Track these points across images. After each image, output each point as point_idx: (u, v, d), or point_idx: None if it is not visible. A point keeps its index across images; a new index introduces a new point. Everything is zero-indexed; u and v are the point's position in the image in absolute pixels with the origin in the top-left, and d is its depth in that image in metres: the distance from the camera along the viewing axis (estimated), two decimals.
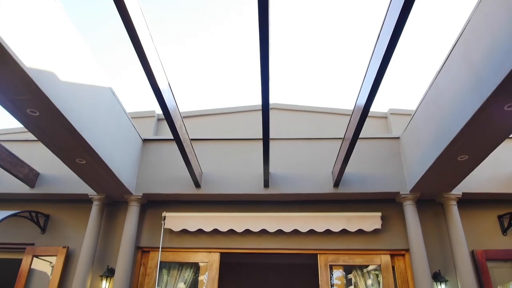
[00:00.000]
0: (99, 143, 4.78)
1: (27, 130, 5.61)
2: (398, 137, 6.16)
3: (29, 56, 3.40)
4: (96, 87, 4.81)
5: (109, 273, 5.68)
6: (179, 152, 5.81)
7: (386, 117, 7.74)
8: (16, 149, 6.17)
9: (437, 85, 4.85)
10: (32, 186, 6.14)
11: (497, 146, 4.45)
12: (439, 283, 5.37)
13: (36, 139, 4.59)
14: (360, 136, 5.87)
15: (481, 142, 4.36)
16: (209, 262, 5.92)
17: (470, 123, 3.98)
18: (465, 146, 4.44)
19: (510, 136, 5.67)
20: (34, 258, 6.00)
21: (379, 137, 6.19)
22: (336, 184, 5.73)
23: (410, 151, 5.74)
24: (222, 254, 6.07)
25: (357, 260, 5.82)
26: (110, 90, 5.21)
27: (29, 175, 6.06)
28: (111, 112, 5.23)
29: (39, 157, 6.33)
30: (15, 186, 6.16)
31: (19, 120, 4.08)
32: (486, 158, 5.21)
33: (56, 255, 5.87)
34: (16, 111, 3.94)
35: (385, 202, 6.01)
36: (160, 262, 5.96)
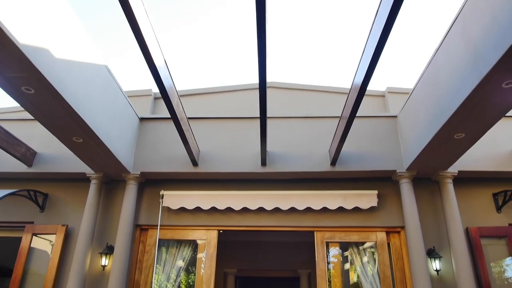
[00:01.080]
0: (95, 121, 4.76)
1: (23, 109, 5.59)
2: (396, 116, 6.16)
3: (23, 33, 3.34)
4: (92, 65, 4.75)
5: (109, 250, 5.75)
6: (176, 131, 5.80)
7: (383, 96, 7.72)
8: (12, 128, 6.14)
9: (435, 63, 4.82)
10: (29, 165, 6.15)
11: (494, 124, 4.46)
12: (433, 259, 5.46)
13: (33, 118, 4.57)
14: (357, 115, 5.88)
15: (478, 120, 4.36)
16: (207, 239, 5.99)
17: (467, 100, 3.98)
18: (462, 124, 4.45)
19: (506, 115, 5.69)
20: (34, 237, 6.06)
21: (376, 116, 6.20)
22: (333, 162, 5.76)
23: (407, 129, 5.75)
24: (220, 232, 6.15)
25: (353, 237, 5.90)
26: (105, 68, 5.16)
27: (26, 154, 6.06)
28: (107, 90, 5.19)
29: (36, 136, 6.31)
30: (13, 165, 6.17)
31: (14, 98, 4.05)
32: (483, 137, 5.23)
33: (55, 233, 5.93)
34: (11, 89, 3.90)
35: (381, 180, 6.06)
36: (159, 239, 6.03)
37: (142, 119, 6.39)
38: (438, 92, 4.67)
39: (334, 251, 6.01)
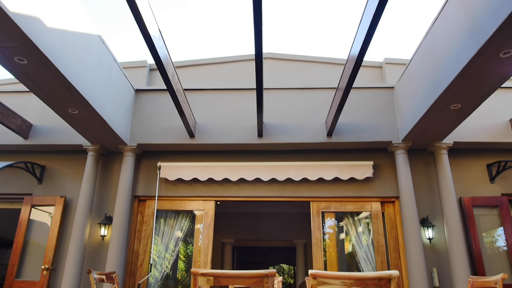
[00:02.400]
0: (90, 93, 4.73)
1: (18, 81, 5.52)
2: (393, 87, 6.14)
3: (13, 1, 3.27)
4: (85, 35, 4.67)
5: (107, 221, 5.83)
6: (172, 102, 5.79)
7: (381, 67, 7.66)
8: (7, 101, 6.09)
9: (433, 33, 4.76)
10: (25, 137, 6.14)
11: (490, 95, 4.46)
12: (426, 228, 5.58)
13: (28, 90, 4.53)
14: (354, 86, 5.86)
15: (474, 90, 4.36)
16: (204, 210, 6.08)
17: (465, 70, 3.96)
18: (459, 95, 4.44)
19: (502, 86, 5.69)
20: (34, 210, 6.12)
21: (373, 87, 6.17)
22: (330, 133, 5.78)
23: (404, 100, 5.74)
24: (217, 203, 6.23)
25: (349, 207, 6.00)
26: (99, 38, 5.07)
27: (22, 127, 6.04)
28: (101, 61, 5.12)
29: (32, 108, 6.27)
30: (9, 137, 6.16)
31: (6, 69, 3.99)
32: (478, 108, 5.26)
33: (54, 205, 5.98)
34: (3, 60, 3.85)
35: (377, 152, 6.11)
36: (157, 210, 6.11)
37: (137, 91, 6.34)
38: (435, 62, 4.64)
39: (330, 222, 6.12)
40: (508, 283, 5.34)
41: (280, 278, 3.82)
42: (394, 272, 2.12)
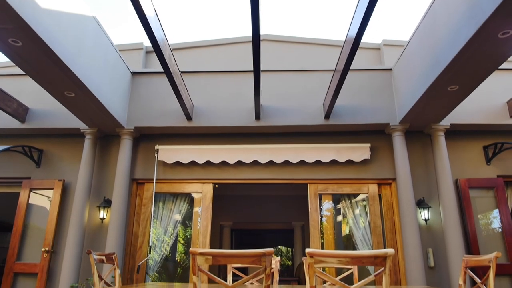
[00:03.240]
0: (86, 75, 4.69)
1: (13, 64, 5.47)
2: (390, 69, 6.11)
3: None
4: (80, 16, 4.61)
5: (106, 203, 5.87)
6: (169, 85, 5.76)
7: (379, 49, 7.61)
8: (3, 84, 6.05)
9: (432, 13, 4.72)
10: (22, 121, 6.11)
11: (488, 76, 4.45)
12: (422, 209, 5.64)
13: (23, 73, 4.49)
14: (351, 68, 5.83)
15: (472, 71, 4.35)
16: (202, 192, 6.11)
17: (463, 51, 3.94)
18: (456, 76, 4.43)
19: (499, 68, 5.67)
20: (32, 194, 6.14)
21: (371, 69, 6.14)
22: (327, 116, 5.78)
23: (401, 82, 5.73)
24: (215, 187, 6.27)
25: (346, 189, 6.04)
26: (94, 19, 5.01)
27: (18, 110, 6.01)
28: (97, 43, 5.07)
29: (28, 91, 6.23)
30: (5, 121, 6.13)
31: (1, 51, 3.95)
32: (476, 90, 5.26)
33: (52, 188, 6.00)
34: None
35: (374, 134, 6.12)
36: (155, 193, 6.14)
37: (134, 74, 6.30)
38: (433, 43, 4.61)
39: (327, 204, 6.16)
40: (502, 263, 5.44)
41: (278, 258, 3.88)
42: (390, 250, 2.15)
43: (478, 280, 2.87)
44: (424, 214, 5.61)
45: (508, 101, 5.91)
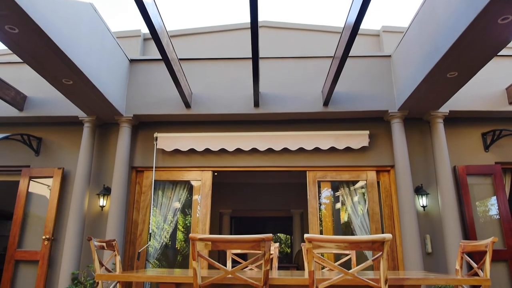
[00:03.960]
0: (84, 62, 4.67)
1: (11, 52, 5.44)
2: (390, 55, 6.09)
3: None
4: (76, 2, 4.57)
5: (106, 191, 5.89)
6: (167, 73, 5.74)
7: (378, 35, 7.56)
8: (0, 72, 6.01)
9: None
10: (20, 109, 6.09)
11: (487, 62, 4.43)
12: (420, 196, 5.67)
13: (21, 61, 4.46)
14: (350, 55, 5.81)
15: (471, 58, 4.33)
16: (202, 180, 6.13)
17: (462, 37, 3.92)
18: (456, 62, 4.42)
19: (499, 54, 5.65)
20: (32, 183, 6.14)
21: (370, 56, 6.12)
22: (326, 103, 5.77)
23: (400, 69, 5.71)
24: (215, 174, 6.28)
25: (344, 176, 6.06)
26: (91, 6, 4.96)
27: (16, 98, 5.98)
28: (94, 30, 5.03)
29: (25, 79, 6.20)
30: (3, 109, 6.12)
31: None
32: (475, 76, 5.24)
33: (52, 176, 6.02)
34: None
35: (373, 121, 6.12)
36: (155, 181, 6.16)
37: (132, 61, 6.26)
38: (433, 29, 4.59)
39: (326, 192, 6.19)
40: (499, 249, 5.49)
41: (277, 245, 3.91)
42: (388, 236, 2.17)
43: (474, 265, 2.91)
44: (422, 200, 5.65)
45: (508, 88, 5.90)
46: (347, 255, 4.17)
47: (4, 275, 5.70)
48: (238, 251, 3.83)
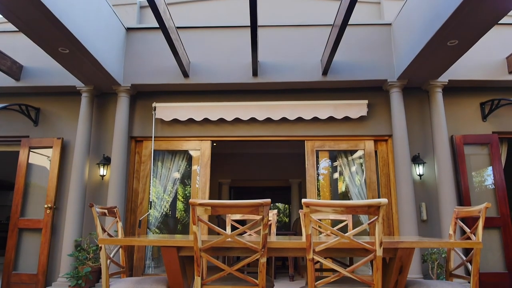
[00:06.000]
0: (80, 31, 4.60)
1: (5, 21, 5.34)
2: (390, 23, 6.00)
3: None
4: None
5: (106, 161, 5.94)
6: (165, 41, 5.67)
7: (379, 3, 7.43)
8: None
9: None
10: (17, 79, 6.05)
11: (488, 30, 4.39)
12: (417, 165, 5.74)
13: (16, 29, 4.39)
14: (350, 23, 5.74)
15: (472, 25, 4.28)
16: (201, 149, 6.17)
17: (463, 4, 3.87)
18: (456, 30, 4.37)
19: (499, 22, 5.58)
20: (32, 154, 6.17)
21: (370, 24, 6.03)
22: (325, 72, 5.73)
23: (401, 37, 5.65)
24: (214, 145, 6.31)
25: (342, 146, 6.11)
26: None
27: (13, 68, 5.93)
28: None
29: (21, 48, 6.12)
30: (0, 79, 6.07)
31: None
32: (475, 45, 5.20)
33: (51, 147, 6.04)
34: None
35: (372, 90, 6.11)
36: (154, 151, 6.20)
37: (128, 29, 6.17)
38: None
39: (324, 163, 6.25)
40: (492, 216, 5.61)
41: (275, 211, 3.99)
42: (383, 200, 2.22)
43: (467, 229, 2.98)
44: (419, 169, 5.72)
45: (508, 57, 5.86)
46: (343, 222, 4.25)
47: (9, 242, 5.82)
48: (238, 216, 3.91)
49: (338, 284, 2.62)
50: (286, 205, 17.25)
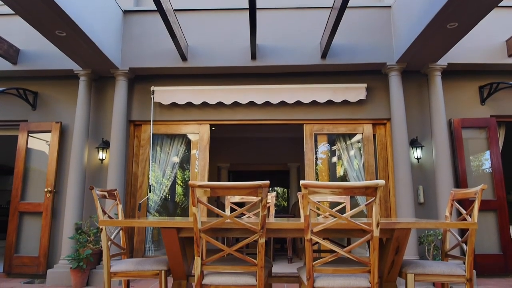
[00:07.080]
0: (76, 13, 4.56)
1: (1, 3, 5.27)
2: (390, 6, 5.95)
3: None
4: None
5: (105, 145, 5.95)
6: (163, 24, 5.61)
7: None
8: None
9: None
10: (14, 62, 6.01)
11: (488, 12, 4.36)
12: (415, 148, 5.77)
13: (12, 12, 4.35)
14: (349, 5, 5.68)
15: (472, 8, 4.25)
16: (200, 133, 6.18)
17: None
18: (456, 12, 4.34)
19: (499, 5, 5.53)
20: (31, 139, 6.17)
21: (370, 6, 5.97)
22: (324, 55, 5.71)
23: (400, 20, 5.60)
24: (212, 129, 6.31)
25: (341, 129, 6.12)
26: None
27: (9, 51, 5.88)
28: None
29: (17, 32, 6.07)
30: None
31: None
32: (475, 28, 5.15)
33: (50, 131, 6.04)
34: None
35: (371, 74, 6.09)
36: (153, 134, 6.20)
37: (126, 12, 6.10)
38: None
39: (323, 147, 6.26)
40: (489, 199, 5.67)
41: (274, 194, 4.03)
42: (381, 181, 2.25)
43: (463, 211, 3.03)
44: (417, 153, 5.75)
45: (508, 40, 5.83)
46: (342, 206, 4.29)
47: (10, 226, 5.88)
48: (237, 199, 3.95)
49: (336, 265, 2.67)
50: (285, 189, 17.36)
